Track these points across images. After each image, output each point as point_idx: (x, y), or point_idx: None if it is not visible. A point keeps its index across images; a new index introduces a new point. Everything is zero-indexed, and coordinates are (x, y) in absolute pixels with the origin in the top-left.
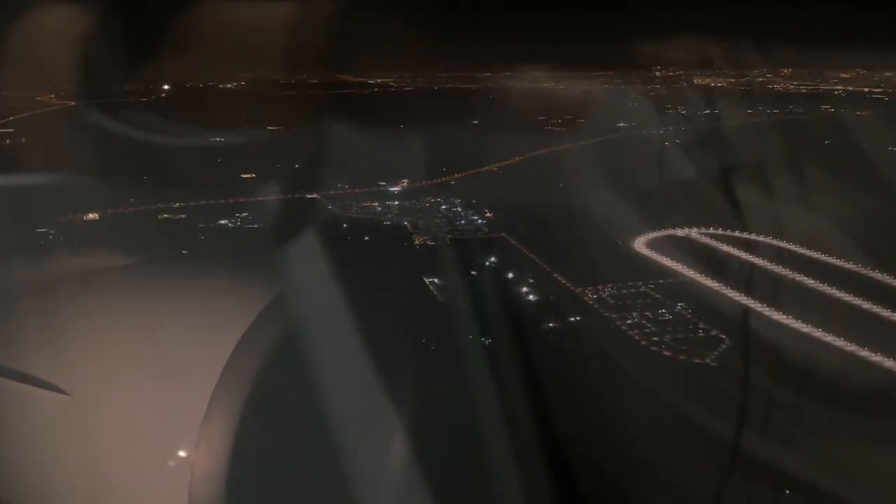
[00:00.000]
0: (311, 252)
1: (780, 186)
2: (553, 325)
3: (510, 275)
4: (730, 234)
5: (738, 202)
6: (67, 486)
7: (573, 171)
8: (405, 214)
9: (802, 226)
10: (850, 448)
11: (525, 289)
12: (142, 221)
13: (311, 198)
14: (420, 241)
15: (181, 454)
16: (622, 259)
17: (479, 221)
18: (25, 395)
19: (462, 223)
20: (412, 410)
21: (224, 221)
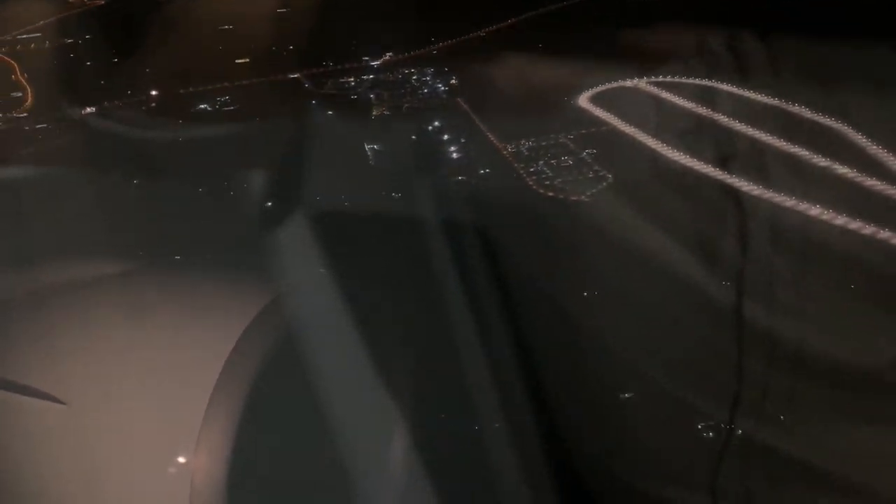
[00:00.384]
0: (305, 249)
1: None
2: (462, 179)
3: (445, 137)
4: (682, 82)
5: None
6: (67, 496)
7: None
8: (375, 87)
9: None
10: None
11: (452, 148)
12: (135, 220)
13: (293, 77)
14: (377, 113)
15: (181, 460)
16: (559, 112)
17: (442, 89)
18: (22, 406)
19: (425, 92)
20: (413, 406)
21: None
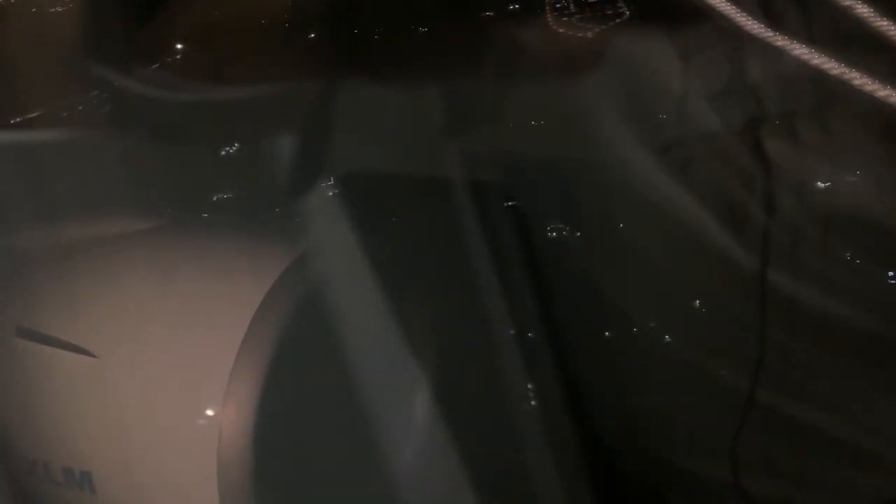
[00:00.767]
0: (330, 210)
1: None
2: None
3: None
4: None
5: None
6: (97, 448)
7: None
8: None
9: None
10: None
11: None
12: (161, 180)
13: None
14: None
15: (209, 412)
16: None
17: None
18: (49, 358)
19: None
20: (437, 365)
21: None
